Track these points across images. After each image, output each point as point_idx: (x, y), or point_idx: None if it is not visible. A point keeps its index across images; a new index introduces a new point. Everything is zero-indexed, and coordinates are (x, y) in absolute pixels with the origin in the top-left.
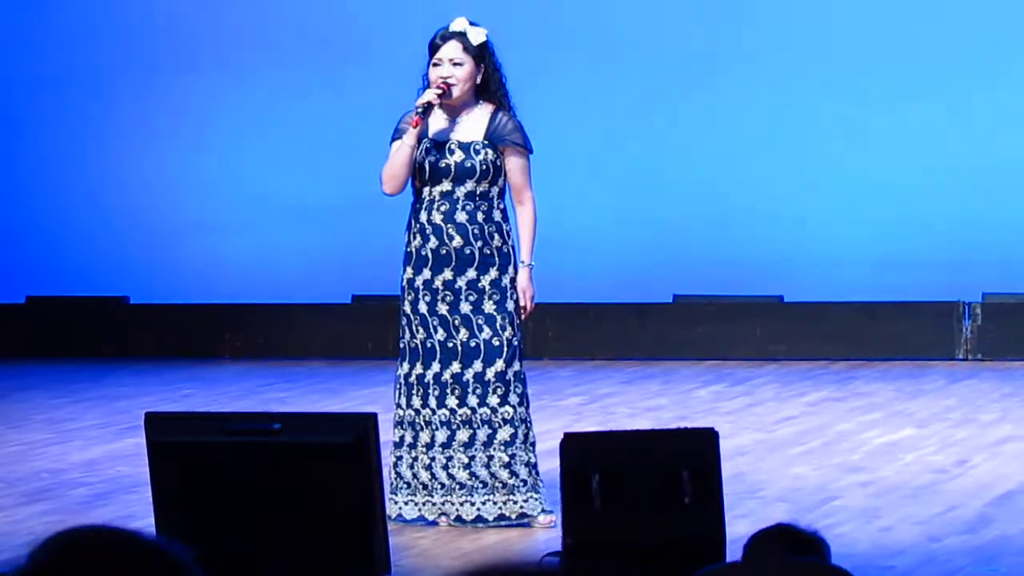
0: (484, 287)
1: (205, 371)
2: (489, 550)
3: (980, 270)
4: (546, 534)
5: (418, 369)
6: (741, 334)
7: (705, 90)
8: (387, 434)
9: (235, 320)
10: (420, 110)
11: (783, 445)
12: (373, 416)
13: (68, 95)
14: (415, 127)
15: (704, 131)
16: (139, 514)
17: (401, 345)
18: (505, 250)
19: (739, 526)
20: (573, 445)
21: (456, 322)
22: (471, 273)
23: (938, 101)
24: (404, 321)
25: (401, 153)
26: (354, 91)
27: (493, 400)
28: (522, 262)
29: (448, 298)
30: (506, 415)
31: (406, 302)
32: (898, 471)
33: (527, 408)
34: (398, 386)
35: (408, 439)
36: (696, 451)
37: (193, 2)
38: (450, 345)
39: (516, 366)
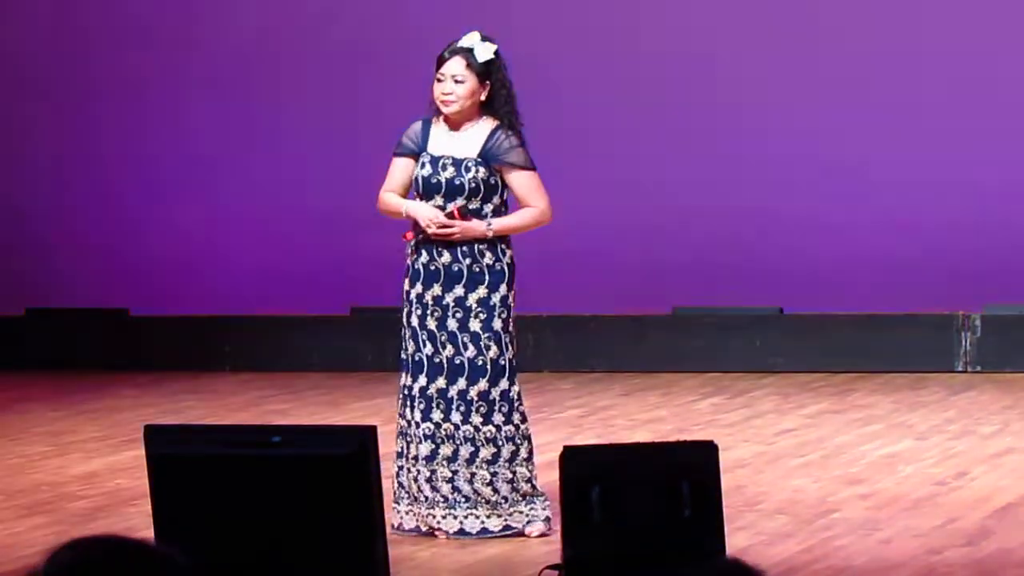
0: (471, 305)
1: (205, 383)
2: (489, 562)
3: (980, 281)
4: (546, 546)
5: (407, 380)
6: (740, 346)
7: (704, 101)
8: (392, 444)
9: (235, 332)
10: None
11: (782, 457)
12: (372, 428)
13: (67, 105)
14: (407, 239)
15: (703, 142)
16: (139, 527)
17: (402, 356)
18: (498, 267)
19: (739, 539)
20: (573, 458)
21: (443, 338)
22: (459, 290)
23: (939, 112)
24: (403, 333)
25: (396, 212)
26: (353, 101)
27: (476, 419)
28: (489, 223)
29: (436, 313)
30: (488, 434)
31: (403, 314)
32: (898, 483)
33: (517, 425)
34: (399, 397)
35: (406, 450)
36: (695, 463)
37: (190, 11)
38: (436, 360)
39: (504, 384)
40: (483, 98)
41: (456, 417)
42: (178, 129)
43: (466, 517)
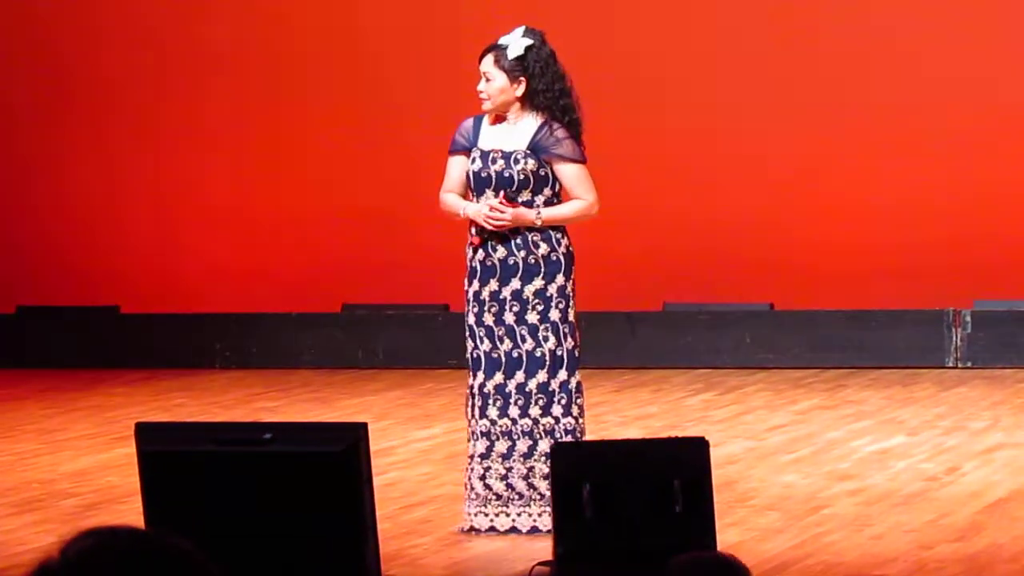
0: (528, 297)
1: (196, 381)
2: (480, 559)
3: (970, 278)
4: (537, 543)
5: (470, 379)
6: (731, 342)
7: (695, 99)
8: (380, 442)
9: (226, 329)
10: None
11: (773, 453)
12: (363, 425)
13: (60, 104)
14: (475, 245)
15: (695, 139)
16: (130, 524)
17: (466, 356)
18: (554, 258)
19: (730, 534)
20: (563, 454)
21: (501, 332)
22: (515, 283)
23: (928, 111)
24: (465, 332)
25: (455, 213)
26: (345, 101)
27: (535, 411)
28: (538, 211)
29: (494, 309)
30: (547, 426)
31: (464, 313)
32: (889, 479)
33: (576, 418)
34: (466, 397)
35: (479, 449)
36: (686, 460)
37: (189, 11)
38: (494, 356)
39: (563, 375)
40: (518, 93)
41: (514, 412)
42: (170, 130)
43: (519, 515)
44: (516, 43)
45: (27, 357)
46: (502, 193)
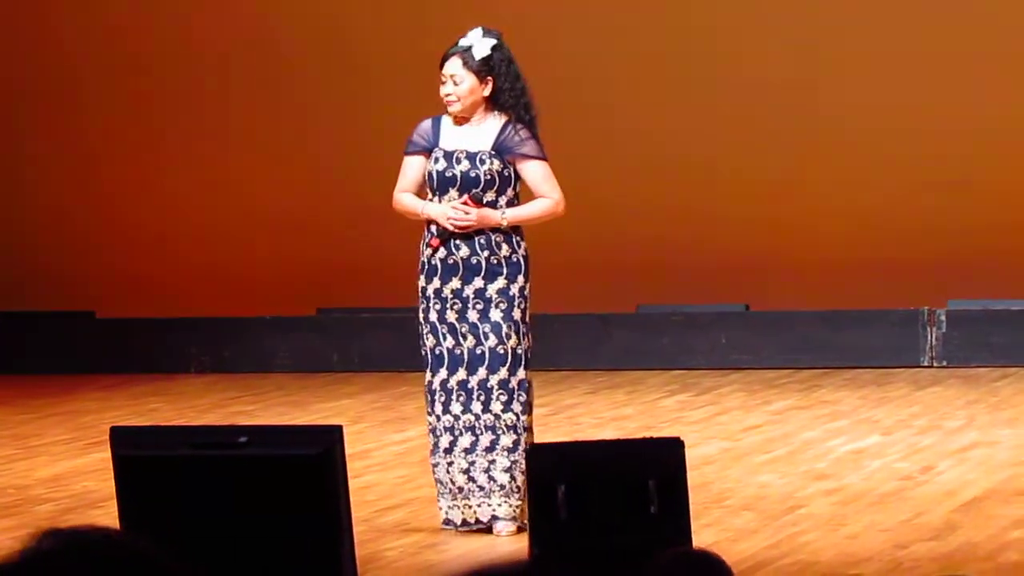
0: (491, 296)
1: (171, 385)
2: (456, 560)
3: (945, 277)
4: (513, 544)
5: (429, 376)
6: (706, 343)
7: (670, 99)
8: (356, 445)
9: (201, 334)
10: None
11: (749, 454)
12: (339, 428)
13: (35, 106)
14: (433, 247)
15: (668, 140)
16: None
17: (423, 353)
18: (514, 259)
19: (705, 535)
20: (539, 456)
21: (464, 330)
22: (478, 282)
23: (903, 110)
24: (420, 330)
25: (413, 213)
26: (325, 103)
27: (496, 407)
28: (503, 212)
29: (456, 306)
30: (508, 422)
31: (420, 310)
32: (864, 478)
33: (530, 415)
34: (426, 394)
35: (438, 445)
36: (662, 460)
37: (165, 15)
38: (457, 352)
39: (521, 374)
40: (486, 94)
41: (476, 407)
42: (146, 132)
43: (479, 506)
44: (480, 43)
45: (1, 362)
46: (467, 194)
